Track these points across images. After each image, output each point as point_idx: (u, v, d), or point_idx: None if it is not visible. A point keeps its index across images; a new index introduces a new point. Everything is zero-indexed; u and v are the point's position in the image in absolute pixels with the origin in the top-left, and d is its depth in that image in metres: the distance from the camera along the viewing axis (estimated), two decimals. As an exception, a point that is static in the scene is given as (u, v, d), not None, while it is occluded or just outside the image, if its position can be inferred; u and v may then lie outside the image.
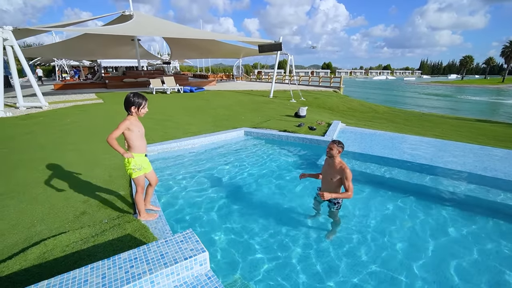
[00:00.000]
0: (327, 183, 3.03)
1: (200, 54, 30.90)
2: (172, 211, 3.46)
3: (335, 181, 2.94)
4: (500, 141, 8.07)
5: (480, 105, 29.54)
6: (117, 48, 23.55)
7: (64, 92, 15.83)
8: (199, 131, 6.65)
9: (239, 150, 5.98)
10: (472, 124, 12.30)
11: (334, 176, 2.94)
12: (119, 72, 20.66)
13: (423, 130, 9.34)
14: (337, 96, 18.75)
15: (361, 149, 5.38)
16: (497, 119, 16.55)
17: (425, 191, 4.14)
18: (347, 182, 2.84)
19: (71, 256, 2.14)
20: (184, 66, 62.06)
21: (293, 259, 2.68)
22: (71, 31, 16.06)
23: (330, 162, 3.03)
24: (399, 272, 2.53)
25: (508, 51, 69.71)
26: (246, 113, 9.67)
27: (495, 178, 4.08)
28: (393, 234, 3.11)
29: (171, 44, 25.85)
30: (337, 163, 2.95)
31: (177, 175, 4.56)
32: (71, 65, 35.08)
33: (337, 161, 2.97)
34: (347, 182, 2.84)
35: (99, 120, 8.04)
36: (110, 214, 2.92)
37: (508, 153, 5.34)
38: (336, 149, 2.94)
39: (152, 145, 5.55)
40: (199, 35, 17.15)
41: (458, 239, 3.06)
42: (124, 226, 2.60)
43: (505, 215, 3.49)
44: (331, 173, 2.98)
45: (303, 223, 3.32)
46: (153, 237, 2.44)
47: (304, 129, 7.00)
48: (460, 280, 2.44)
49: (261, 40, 16.68)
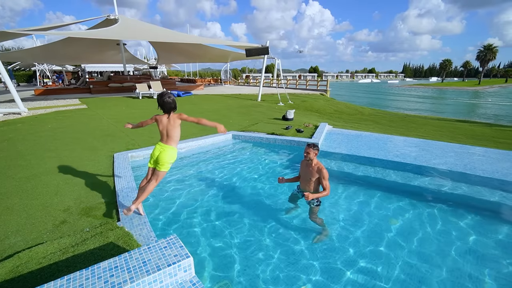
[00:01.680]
0: (307, 182, 3.22)
1: (188, 59, 30.74)
2: (158, 217, 3.37)
3: (314, 180, 3.14)
4: (477, 140, 8.41)
5: (459, 106, 30.78)
6: (102, 52, 23.08)
7: (46, 97, 15.30)
8: (186, 136, 6.56)
9: (227, 153, 5.95)
10: (453, 124, 12.78)
11: (313, 176, 3.13)
12: (104, 77, 20.22)
13: (407, 130, 9.62)
14: (324, 99, 19.05)
15: (347, 150, 5.47)
16: (475, 119, 17.27)
17: (409, 189, 4.24)
18: (324, 181, 3.06)
19: (47, 268, 2.04)
20: (172, 70, 61.55)
21: (282, 262, 2.66)
22: (53, 34, 15.60)
23: (308, 163, 3.21)
24: (388, 269, 2.55)
25: (482, 55, 73.54)
26: (234, 117, 9.64)
27: (474, 175, 4.24)
28: (379, 231, 3.15)
29: (158, 49, 25.57)
30: (315, 164, 3.14)
31: (164, 180, 4.46)
32: (53, 70, 34.00)
33: (315, 162, 3.15)
34: (325, 181, 3.06)
35: (83, 126, 7.80)
36: (92, 223, 2.81)
37: (485, 151, 5.56)
38: (312, 152, 3.13)
39: (137, 150, 5.43)
40: (186, 39, 17.06)
41: (441, 233, 3.13)
42: (107, 234, 2.51)
43: (483, 210, 3.62)
44: (310, 173, 3.17)
45: (291, 225, 3.32)
46: (137, 244, 2.37)
47: (292, 131, 7.04)
48: (443, 273, 2.49)
49: (248, 44, 16.77)
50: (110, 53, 23.61)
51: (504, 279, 2.44)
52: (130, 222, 2.79)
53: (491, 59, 74.53)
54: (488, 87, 65.10)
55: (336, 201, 3.85)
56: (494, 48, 72.83)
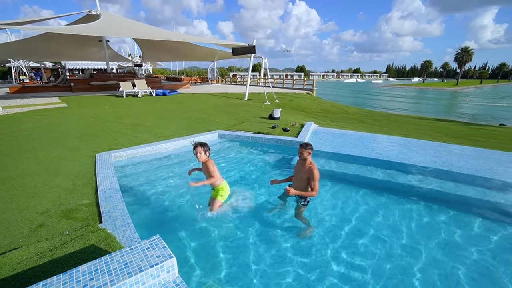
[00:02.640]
0: (298, 180, 3.24)
1: (174, 57, 30.23)
2: (142, 218, 3.30)
3: (304, 179, 3.15)
4: (455, 138, 8.79)
5: (439, 106, 32.08)
6: (84, 49, 22.29)
7: (22, 95, 14.58)
8: (172, 135, 6.46)
9: (213, 153, 5.90)
10: (432, 123, 13.28)
11: (304, 175, 3.15)
12: (86, 74, 19.48)
13: (390, 129, 9.90)
14: (310, 98, 19.29)
15: (332, 149, 5.57)
16: (453, 118, 18.06)
17: (391, 185, 4.38)
18: (313, 182, 3.07)
19: (23, 274, 1.95)
20: (157, 69, 60.37)
21: (268, 260, 2.68)
22: (30, 29, 14.88)
23: (302, 162, 3.23)
24: (371, 263, 2.63)
25: (460, 57, 77.12)
26: (220, 116, 9.59)
27: (451, 172, 4.44)
28: (362, 227, 3.24)
29: (143, 46, 24.99)
30: (307, 163, 3.16)
31: (149, 181, 4.38)
32: (31, 66, 32.45)
33: (308, 162, 3.17)
34: (313, 182, 3.06)
35: (63, 125, 7.50)
36: (73, 225, 2.71)
37: (462, 148, 5.83)
38: (306, 152, 3.15)
39: (121, 150, 5.29)
40: (171, 37, 16.77)
41: (420, 227, 3.26)
42: (88, 236, 2.43)
43: (459, 204, 3.80)
44: (301, 172, 3.19)
45: (277, 224, 3.34)
46: (120, 246, 2.31)
47: (278, 130, 7.09)
48: (422, 265, 2.60)
49: (235, 43, 16.71)
50: (92, 50, 22.84)
51: (475, 268, 2.58)
52: (112, 223, 2.71)
53: (468, 61, 78.21)
54: (465, 88, 68.24)
55: (322, 198, 3.91)
56: (470, 51, 76.48)
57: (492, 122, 17.07)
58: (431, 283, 2.41)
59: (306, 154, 3.13)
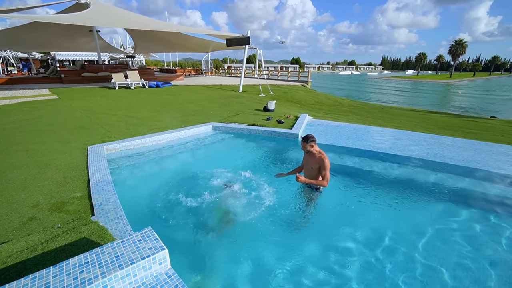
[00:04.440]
0: (309, 171, 3.31)
1: (167, 48, 29.63)
2: (135, 210, 3.28)
3: (315, 169, 3.20)
4: (447, 130, 8.90)
5: (433, 99, 32.35)
6: (74, 39, 21.66)
7: (11, 87, 14.18)
8: (166, 127, 6.39)
9: (207, 145, 5.87)
10: (425, 115, 13.40)
11: (314, 165, 3.20)
12: (76, 66, 18.95)
13: (384, 121, 9.97)
14: (305, 90, 19.23)
15: (326, 141, 5.58)
16: (446, 111, 18.26)
17: (384, 176, 4.42)
18: (323, 171, 3.11)
19: (13, 268, 1.92)
20: (150, 60, 59.29)
21: (260, 253, 2.71)
22: (17, 18, 14.36)
23: (310, 154, 3.27)
24: (361, 259, 2.67)
25: (454, 50, 77.43)
26: (215, 108, 9.50)
27: (443, 163, 4.51)
28: (355, 218, 3.29)
29: (135, 37, 24.40)
30: (317, 153, 3.20)
31: (142, 173, 4.35)
32: (19, 57, 31.50)
33: (316, 152, 3.21)
34: (324, 171, 3.10)
35: (53, 117, 7.34)
36: (64, 218, 2.68)
37: (454, 140, 5.91)
38: (308, 145, 3.19)
39: (114, 142, 5.21)
40: (165, 28, 16.40)
41: (411, 217, 3.32)
42: (80, 229, 2.40)
43: (453, 196, 3.87)
44: (311, 162, 3.24)
45: (269, 216, 3.36)
46: (112, 238, 2.30)
47: (273, 122, 7.07)
48: (417, 256, 2.66)
49: (229, 34, 16.43)
50: (82, 40, 22.20)
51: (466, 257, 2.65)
52: (105, 216, 2.69)
53: (462, 54, 78.60)
54: (458, 80, 68.88)
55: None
56: (464, 43, 76.78)
57: (483, 114, 17.33)
58: (427, 274, 2.47)
59: (309, 146, 3.18)
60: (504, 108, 22.95)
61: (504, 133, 9.56)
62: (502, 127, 10.85)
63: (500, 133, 9.40)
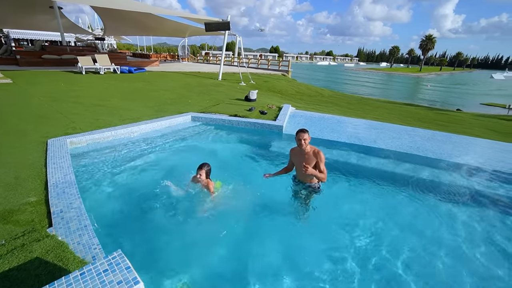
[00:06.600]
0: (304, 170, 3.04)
1: (141, 31, 27.74)
2: (104, 217, 2.85)
3: (312, 166, 3.00)
4: (423, 122, 9.20)
5: (404, 92, 33.85)
6: (32, 16, 19.41)
7: (-46, 68, 12.37)
8: (139, 117, 5.83)
9: (186, 137, 5.45)
10: (401, 107, 13.85)
11: (311, 162, 2.99)
12: (36, 46, 16.96)
13: (363, 113, 10.07)
14: (286, 79, 19.02)
15: (311, 134, 5.37)
16: (419, 103, 19.08)
17: (370, 170, 4.36)
18: (322, 164, 2.95)
19: None
20: (122, 44, 55.66)
21: (255, 264, 2.47)
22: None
23: (302, 150, 3.05)
24: (346, 253, 2.54)
25: (424, 45, 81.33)
26: (193, 97, 8.96)
27: (426, 157, 4.55)
28: (342, 212, 3.20)
29: (104, 17, 22.42)
30: (310, 148, 3.02)
31: (112, 171, 3.87)
32: (-35, 34, 27.76)
33: (309, 147, 3.03)
34: (322, 165, 2.95)
35: (5, 105, 6.41)
36: (12, 231, 2.21)
37: (433, 133, 6.03)
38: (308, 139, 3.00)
39: (79, 135, 4.62)
40: (137, 8, 15.15)
41: (395, 209, 3.28)
42: (31, 247, 1.97)
43: (434, 189, 3.88)
44: (306, 159, 3.01)
45: (257, 217, 3.12)
46: (74, 256, 1.91)
47: (255, 113, 6.76)
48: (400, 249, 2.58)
49: (208, 17, 15.57)
50: (42, 17, 19.95)
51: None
52: (66, 226, 2.27)
53: (431, 49, 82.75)
54: (427, 74, 72.78)
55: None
56: (434, 39, 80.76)
57: (449, 107, 18.37)
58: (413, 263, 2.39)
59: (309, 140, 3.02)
60: (467, 102, 24.54)
61: (472, 125, 10.11)
62: (470, 120, 11.49)
63: (469, 125, 9.92)
